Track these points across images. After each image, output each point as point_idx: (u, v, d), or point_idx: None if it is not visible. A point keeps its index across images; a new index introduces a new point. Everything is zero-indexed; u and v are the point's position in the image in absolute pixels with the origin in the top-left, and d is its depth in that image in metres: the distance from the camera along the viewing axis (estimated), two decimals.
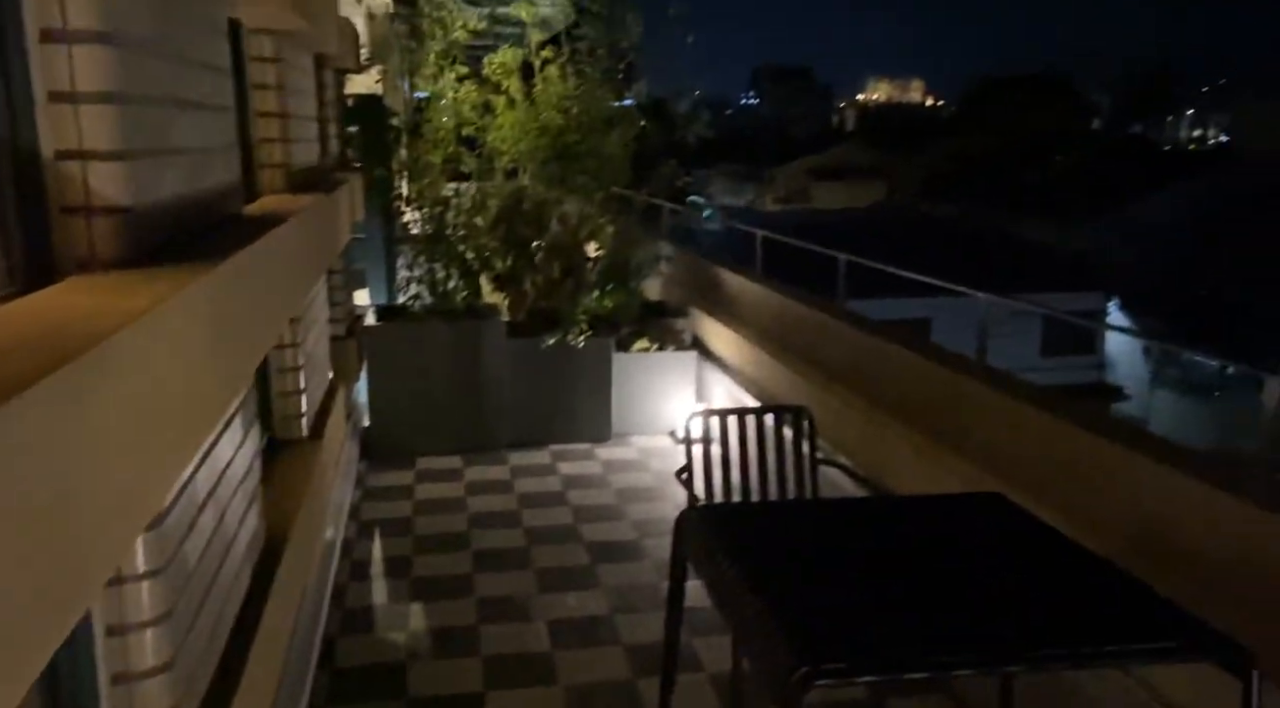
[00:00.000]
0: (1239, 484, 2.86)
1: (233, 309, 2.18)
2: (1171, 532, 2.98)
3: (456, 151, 7.03)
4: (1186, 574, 2.84)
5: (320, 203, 4.05)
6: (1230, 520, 2.78)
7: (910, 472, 4.21)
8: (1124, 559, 2.64)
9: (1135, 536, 3.09)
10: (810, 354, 5.67)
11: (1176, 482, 2.97)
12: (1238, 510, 2.75)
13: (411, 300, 6.85)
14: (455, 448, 6.49)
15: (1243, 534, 2.74)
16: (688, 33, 7.14)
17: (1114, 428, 3.50)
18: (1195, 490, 2.90)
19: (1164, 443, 3.33)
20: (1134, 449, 3.18)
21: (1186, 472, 2.96)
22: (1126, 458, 3.17)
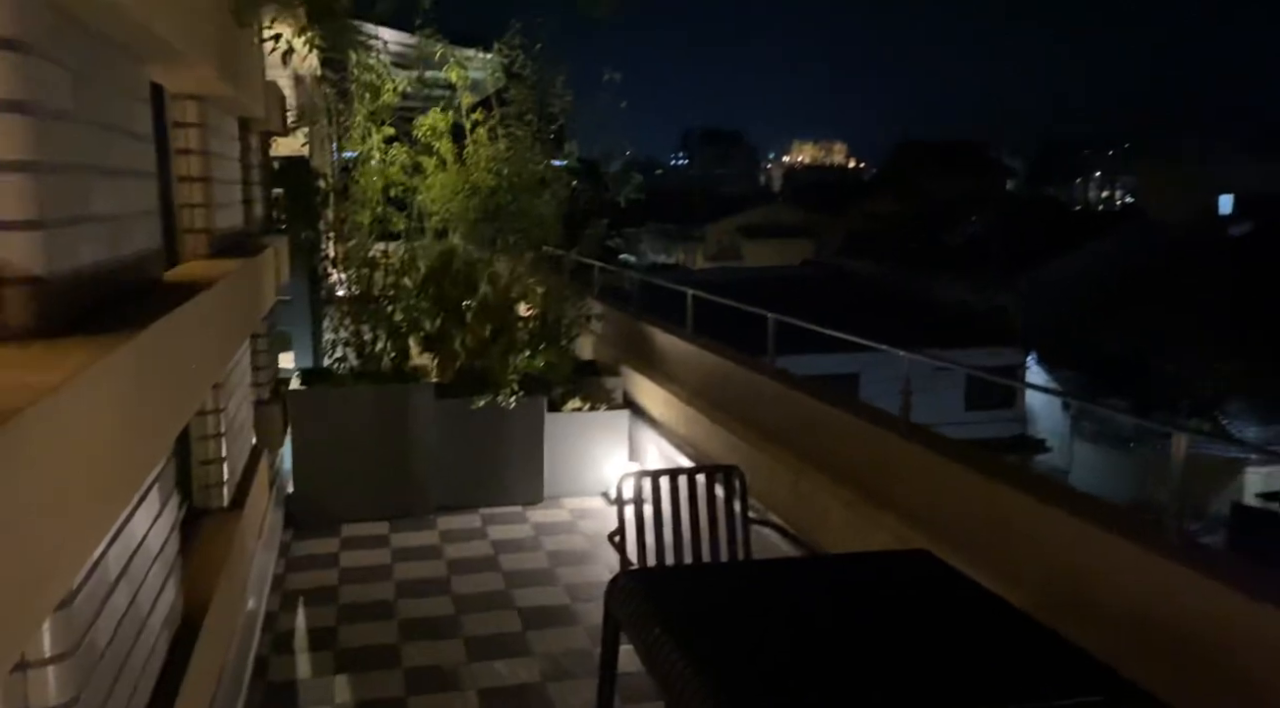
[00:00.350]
0: (1150, 536, 2.95)
1: (151, 379, 2.13)
2: (1089, 584, 3.06)
3: (385, 212, 7.01)
4: (1104, 626, 2.91)
5: (244, 267, 4.00)
6: (1142, 572, 2.87)
7: (841, 529, 4.25)
8: (1045, 612, 2.70)
9: (1055, 589, 3.16)
10: (742, 412, 5.73)
11: (1091, 534, 3.06)
12: (1149, 562, 2.84)
13: (338, 363, 6.76)
14: (382, 514, 6.36)
15: (1155, 585, 2.82)
16: (619, 99, 7.27)
17: (1032, 482, 3.60)
18: (1109, 543, 2.98)
19: (1080, 496, 3.42)
20: (1051, 503, 3.26)
21: (1100, 524, 3.05)
22: (1044, 512, 3.26)
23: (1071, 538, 3.13)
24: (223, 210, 4.35)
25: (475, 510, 6.54)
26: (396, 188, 7.01)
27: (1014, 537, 3.39)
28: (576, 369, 7.36)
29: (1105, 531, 3.01)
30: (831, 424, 4.70)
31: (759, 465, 5.02)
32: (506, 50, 7.09)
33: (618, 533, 3.69)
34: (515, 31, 7.06)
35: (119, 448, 1.87)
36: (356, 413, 6.36)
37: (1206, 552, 2.92)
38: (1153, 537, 2.93)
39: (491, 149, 7.10)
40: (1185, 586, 2.71)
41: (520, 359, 6.71)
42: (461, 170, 7.12)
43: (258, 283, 4.48)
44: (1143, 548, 2.87)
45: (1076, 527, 3.10)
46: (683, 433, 6.39)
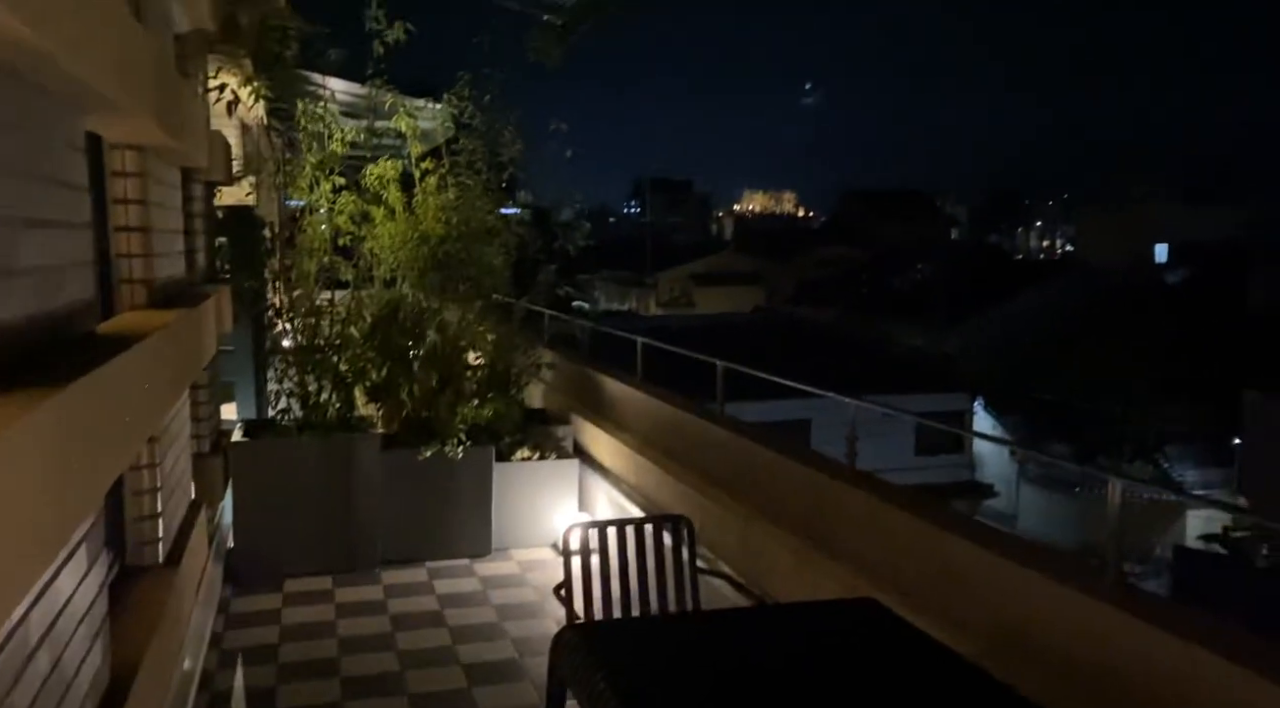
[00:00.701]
0: (1090, 582, 2.99)
1: (78, 434, 2.08)
2: (1033, 630, 3.08)
3: (333, 261, 6.96)
4: (1049, 672, 2.93)
5: (183, 318, 3.93)
6: (1084, 617, 2.90)
7: (790, 578, 4.25)
8: (991, 659, 2.71)
9: (1000, 635, 3.18)
10: (692, 460, 5.72)
11: (1034, 580, 3.08)
12: (1090, 608, 2.87)
13: (281, 414, 6.64)
14: (326, 568, 6.22)
15: (1096, 631, 2.85)
16: (566, 148, 7.34)
17: (976, 529, 3.63)
18: (1052, 589, 3.01)
19: (1022, 542, 3.46)
20: (995, 550, 3.29)
21: (1043, 570, 3.08)
22: (988, 559, 3.29)
23: (1015, 584, 3.15)
24: (162, 260, 4.28)
25: (421, 564, 6.42)
26: (344, 237, 6.97)
27: (959, 583, 3.41)
28: (526, 418, 7.31)
29: (1048, 576, 3.04)
30: (779, 471, 4.71)
31: (709, 514, 5.01)
32: (456, 101, 7.14)
33: (563, 586, 3.64)
34: (464, 83, 7.12)
35: (42, 506, 1.81)
36: (300, 465, 6.25)
37: (1144, 596, 2.96)
38: (1093, 582, 2.97)
39: (441, 198, 7.11)
40: (1124, 630, 2.74)
41: (468, 408, 6.65)
42: (411, 219, 7.11)
43: (197, 334, 4.40)
44: (1083, 594, 2.90)
45: (1020, 573, 3.13)
46: (633, 482, 6.36)
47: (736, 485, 5.07)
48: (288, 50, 6.29)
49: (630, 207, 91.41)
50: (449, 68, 7.46)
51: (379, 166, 7.06)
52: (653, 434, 6.43)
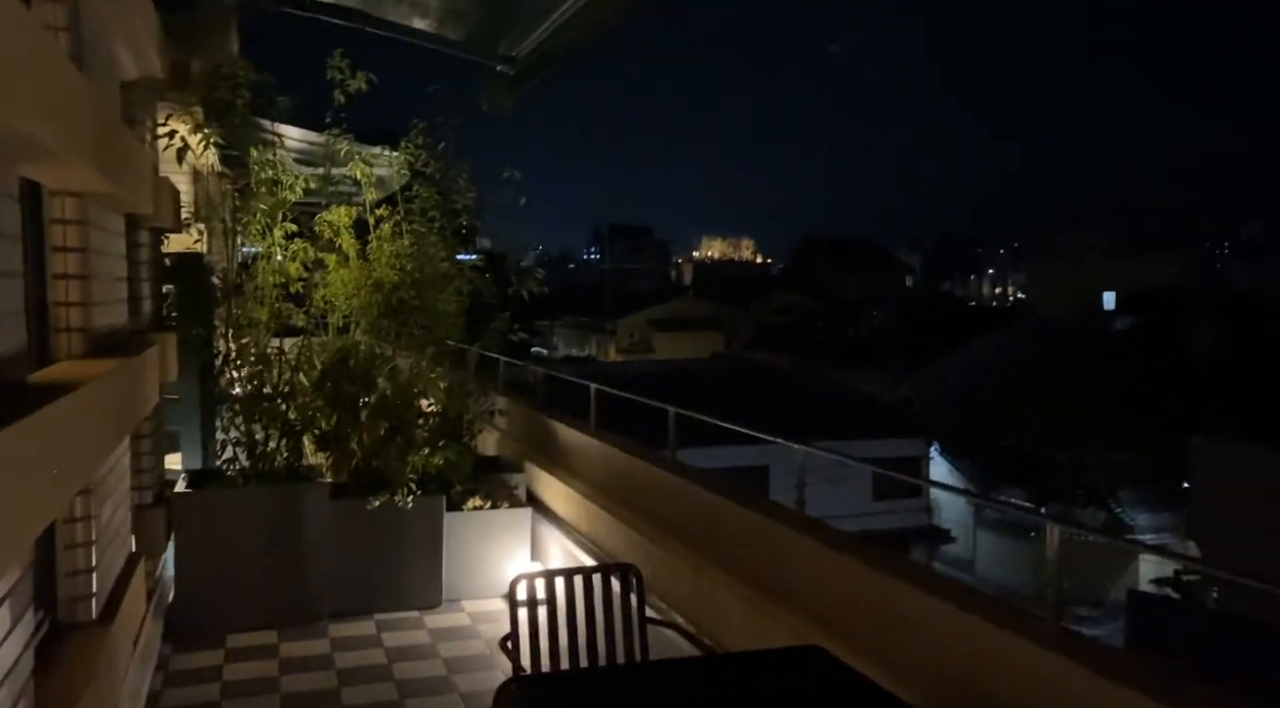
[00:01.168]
0: (1033, 628, 3.00)
1: (2, 486, 2.02)
2: (975, 677, 3.08)
3: (284, 308, 6.89)
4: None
5: (122, 367, 3.86)
6: (1026, 664, 2.91)
7: (740, 626, 4.22)
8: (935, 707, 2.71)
9: (947, 683, 3.17)
10: (643, 508, 5.69)
11: (979, 628, 3.09)
12: (1033, 654, 2.88)
13: (227, 464, 6.51)
14: (271, 622, 6.06)
15: (1038, 676, 2.86)
16: (520, 196, 7.37)
17: (923, 576, 3.64)
18: (996, 636, 3.02)
19: (968, 590, 3.47)
20: (941, 596, 3.30)
21: (988, 618, 3.09)
22: (935, 606, 3.29)
23: (959, 631, 3.16)
24: (103, 308, 4.21)
25: (370, 616, 6.29)
26: (296, 284, 6.92)
27: (906, 630, 3.41)
28: (479, 465, 7.25)
29: (989, 622, 3.05)
30: (729, 518, 4.70)
31: (660, 562, 4.98)
32: (412, 148, 7.16)
33: (510, 638, 3.58)
34: (419, 130, 7.15)
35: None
36: (246, 516, 6.12)
37: (1084, 642, 2.98)
38: (1034, 628, 2.99)
39: (395, 245, 7.10)
40: (1066, 676, 2.76)
41: (419, 457, 6.58)
42: (364, 266, 7.09)
43: (138, 383, 4.32)
44: (1025, 639, 2.91)
45: (963, 619, 3.14)
46: (585, 530, 6.31)
47: (688, 533, 5.05)
48: (239, 98, 6.27)
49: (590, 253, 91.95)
50: (404, 115, 7.51)
51: (333, 213, 7.04)
52: (605, 481, 6.40)
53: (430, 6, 5.88)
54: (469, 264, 7.57)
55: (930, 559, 23.41)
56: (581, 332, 48.67)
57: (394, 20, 5.99)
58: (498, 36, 6.16)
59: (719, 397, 21.53)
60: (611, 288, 50.82)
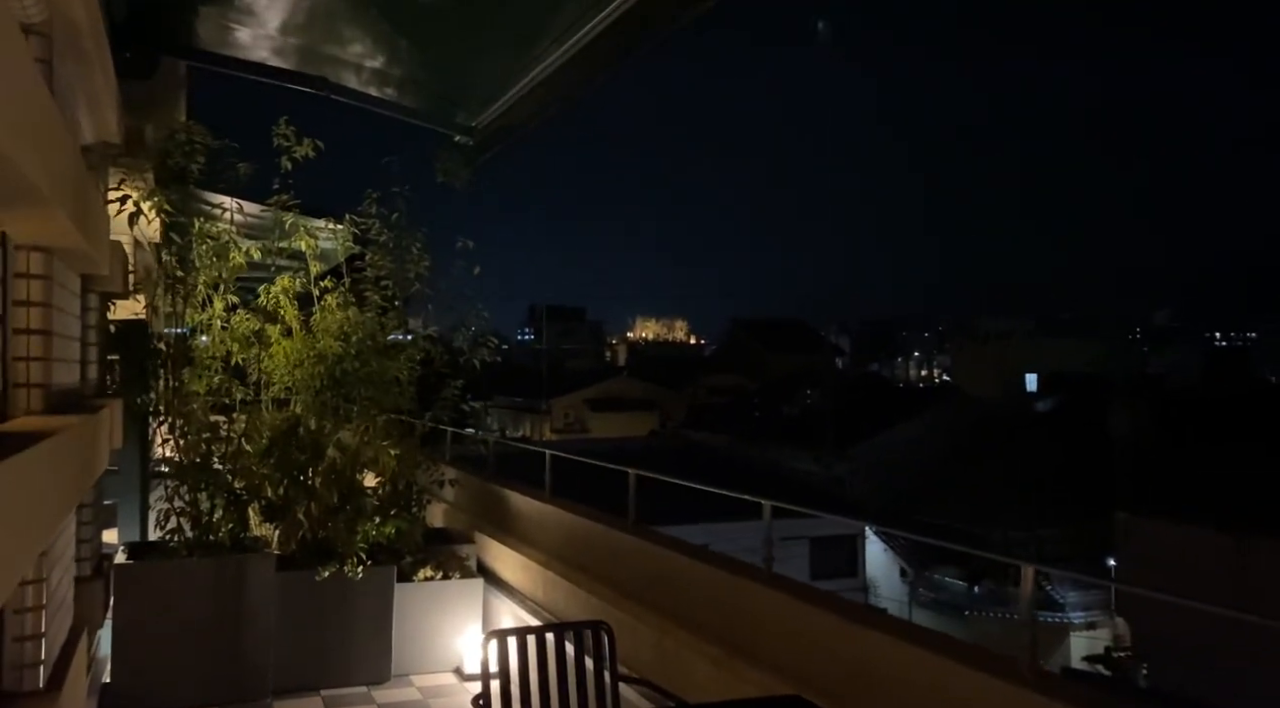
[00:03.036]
0: (1007, 670, 3.07)
1: None
2: None
3: (225, 380, 6.77)
4: None
5: (84, 424, 3.77)
6: (1003, 704, 2.96)
7: (709, 686, 4.19)
8: None
9: None
10: (603, 572, 5.66)
11: (951, 671, 3.15)
12: (1010, 694, 2.94)
13: (170, 535, 6.30)
14: (212, 700, 5.80)
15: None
16: (473, 265, 7.43)
17: (896, 625, 3.69)
18: (971, 678, 3.08)
19: (941, 636, 3.53)
20: (916, 644, 3.35)
21: (961, 661, 3.15)
22: (909, 652, 3.34)
23: (934, 675, 3.21)
24: (61, 366, 4.13)
25: (316, 693, 6.08)
26: (238, 356, 6.82)
27: (879, 680, 3.44)
28: (428, 537, 7.12)
29: (965, 665, 3.11)
30: (695, 578, 4.71)
31: (622, 625, 4.91)
32: (360, 220, 7.18)
33: (482, 697, 3.52)
34: (371, 201, 7.19)
35: None
36: (188, 588, 5.91)
37: (1057, 682, 3.04)
38: (1009, 669, 3.05)
39: (340, 316, 7.07)
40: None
41: (369, 526, 6.46)
42: (308, 338, 7.04)
43: (94, 444, 4.21)
44: (1000, 680, 2.97)
45: (938, 662, 3.19)
46: (541, 598, 6.23)
47: (650, 595, 5.03)
48: (194, 163, 6.27)
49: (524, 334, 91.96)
50: (356, 183, 7.55)
51: (276, 285, 7.01)
52: (562, 548, 6.35)
53: (390, 75, 5.99)
54: (419, 334, 7.55)
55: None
56: (516, 412, 48.36)
57: (353, 88, 6.08)
58: (456, 107, 6.29)
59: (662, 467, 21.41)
60: (547, 368, 50.77)
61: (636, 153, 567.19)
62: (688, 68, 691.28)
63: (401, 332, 7.29)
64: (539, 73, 5.43)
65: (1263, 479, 19.60)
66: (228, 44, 5.76)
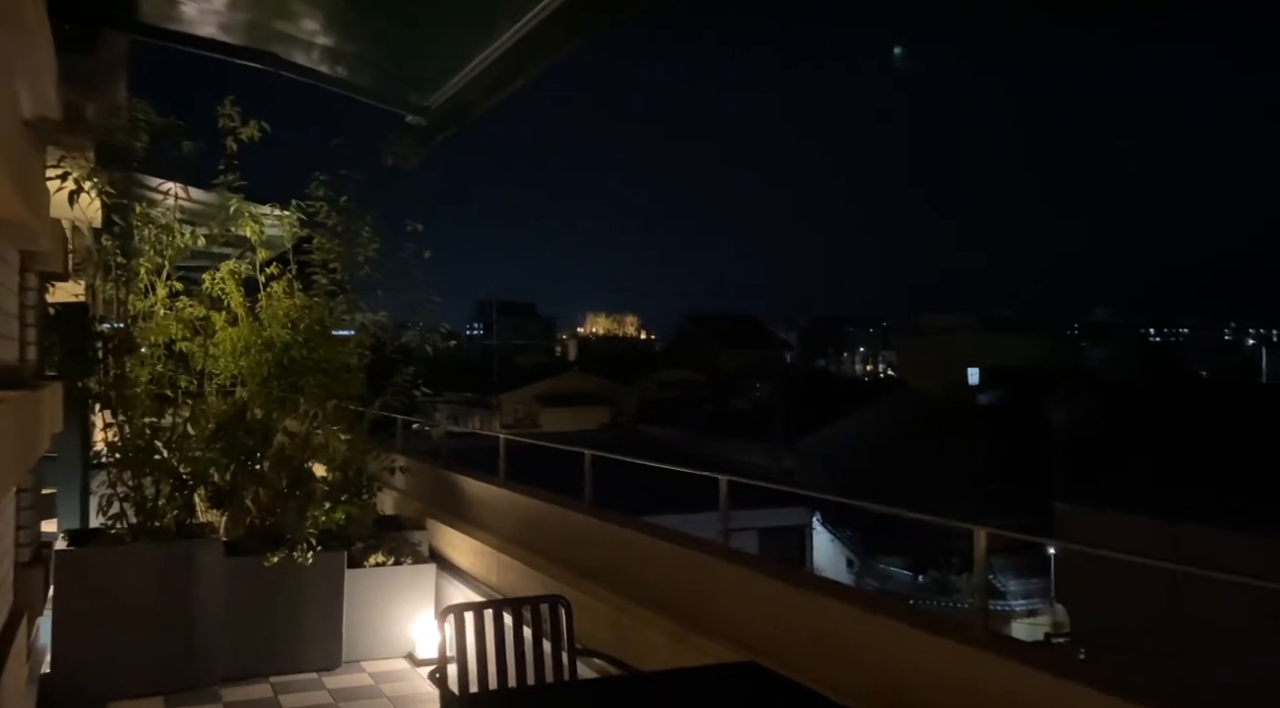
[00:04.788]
0: (961, 632, 3.13)
1: None
2: (908, 684, 3.17)
3: (167, 368, 6.61)
4: None
5: (22, 400, 3.67)
6: (957, 666, 3.02)
7: (667, 659, 4.20)
8: None
9: (877, 693, 3.25)
10: (559, 553, 5.65)
11: (906, 634, 3.20)
12: (964, 655, 3.00)
13: (114, 521, 6.15)
14: (158, 688, 5.69)
15: (968, 677, 2.97)
16: (424, 249, 7.32)
17: (853, 593, 3.74)
18: (923, 640, 3.13)
19: (893, 601, 3.59)
20: (873, 610, 3.40)
21: (914, 624, 3.21)
22: (867, 620, 3.39)
23: (890, 639, 3.26)
24: (2, 343, 4.01)
25: (265, 679, 5.98)
26: (181, 343, 6.67)
27: (837, 646, 3.48)
28: (379, 524, 7.04)
29: (920, 629, 3.16)
30: (652, 556, 4.72)
31: (579, 604, 4.89)
32: (308, 205, 7.05)
33: (438, 670, 3.50)
34: (320, 183, 7.07)
35: None
36: (132, 575, 5.77)
37: (1010, 642, 3.11)
38: (963, 632, 3.11)
39: (288, 303, 6.96)
40: (997, 673, 2.88)
41: (319, 511, 6.37)
42: (254, 326, 6.92)
43: (37, 420, 4.10)
44: (955, 641, 3.03)
45: (894, 627, 3.24)
46: (495, 581, 6.20)
47: (608, 574, 5.04)
48: (138, 142, 6.11)
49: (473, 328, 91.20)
50: (304, 169, 7.41)
51: (221, 271, 6.88)
52: (517, 531, 6.32)
53: (341, 52, 5.89)
54: (370, 319, 7.43)
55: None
56: (465, 408, 47.96)
57: (303, 64, 5.97)
58: (408, 86, 6.20)
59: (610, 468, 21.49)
60: (497, 363, 50.44)
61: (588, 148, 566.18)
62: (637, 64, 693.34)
63: (349, 324, 7.16)
64: (493, 51, 5.37)
65: (1194, 469, 20.21)
66: (172, 18, 5.61)
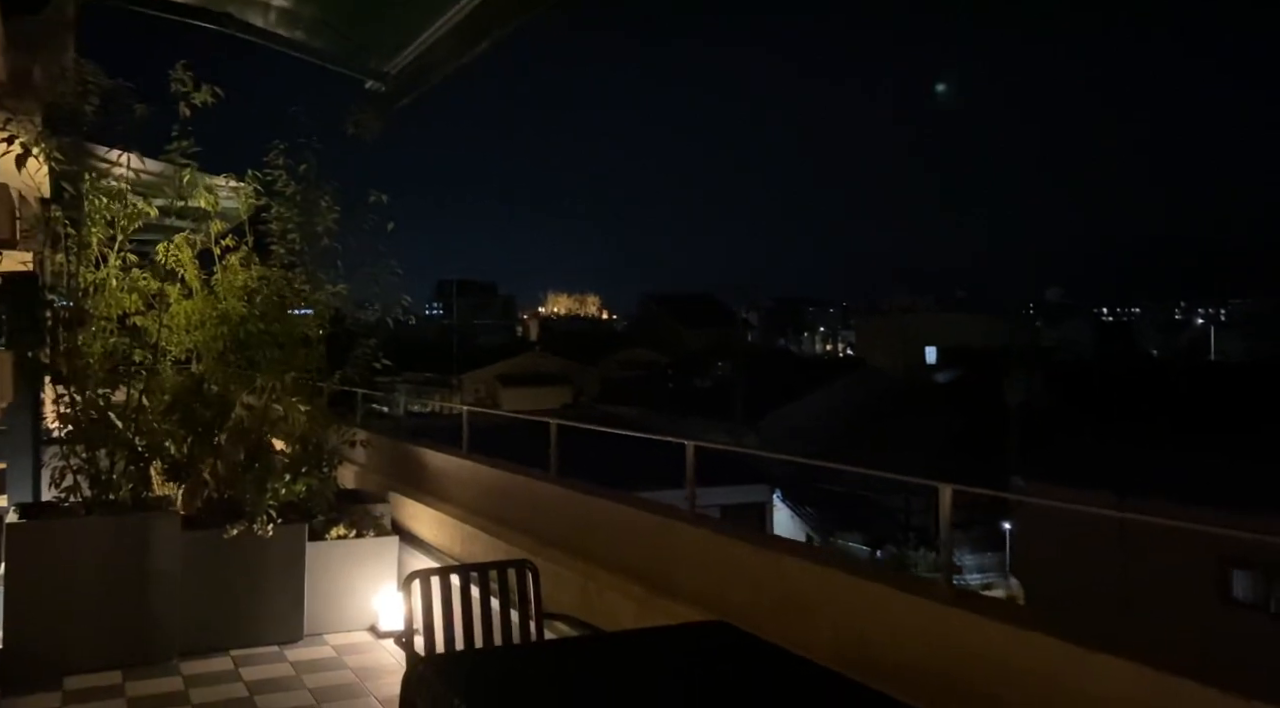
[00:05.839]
0: (925, 588, 3.16)
1: None
2: (872, 640, 3.20)
3: (120, 341, 6.45)
4: (891, 677, 3.05)
5: None
6: (921, 621, 3.05)
7: (634, 624, 4.21)
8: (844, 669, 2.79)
9: (844, 650, 3.28)
10: (523, 523, 5.63)
11: (869, 590, 3.23)
12: (927, 610, 3.03)
13: (66, 494, 6.01)
14: (114, 662, 5.59)
15: (932, 631, 3.01)
16: (387, 220, 7.19)
17: (816, 552, 3.77)
18: (890, 597, 3.16)
19: (855, 558, 3.62)
20: (836, 568, 3.43)
21: (877, 580, 3.23)
22: (826, 576, 3.41)
23: (853, 596, 3.28)
24: None
25: (226, 653, 5.90)
26: (134, 316, 6.52)
27: (802, 605, 3.51)
28: (340, 497, 6.96)
29: (884, 584, 3.19)
30: (618, 522, 4.72)
31: (545, 572, 4.88)
32: (265, 173, 6.91)
33: (404, 634, 3.47)
34: (278, 151, 6.92)
35: None
36: (87, 548, 5.66)
37: (974, 596, 3.15)
38: (928, 588, 3.14)
39: (244, 275, 6.83)
40: (960, 626, 2.91)
41: (279, 483, 6.28)
42: (209, 298, 6.78)
43: None
44: (919, 596, 3.06)
45: (856, 584, 3.27)
46: (459, 552, 6.16)
47: (574, 542, 5.03)
48: (87, 105, 5.94)
49: (433, 308, 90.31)
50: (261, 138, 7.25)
51: (175, 242, 6.73)
52: (481, 502, 6.29)
53: (299, 15, 5.76)
54: (330, 290, 7.30)
55: None
56: (425, 387, 47.64)
57: (260, 27, 5.83)
58: (368, 51, 6.08)
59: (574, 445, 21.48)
60: (457, 343, 50.15)
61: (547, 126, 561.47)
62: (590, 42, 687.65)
63: (308, 298, 7.02)
64: (454, 14, 5.29)
65: (1144, 444, 20.65)
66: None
